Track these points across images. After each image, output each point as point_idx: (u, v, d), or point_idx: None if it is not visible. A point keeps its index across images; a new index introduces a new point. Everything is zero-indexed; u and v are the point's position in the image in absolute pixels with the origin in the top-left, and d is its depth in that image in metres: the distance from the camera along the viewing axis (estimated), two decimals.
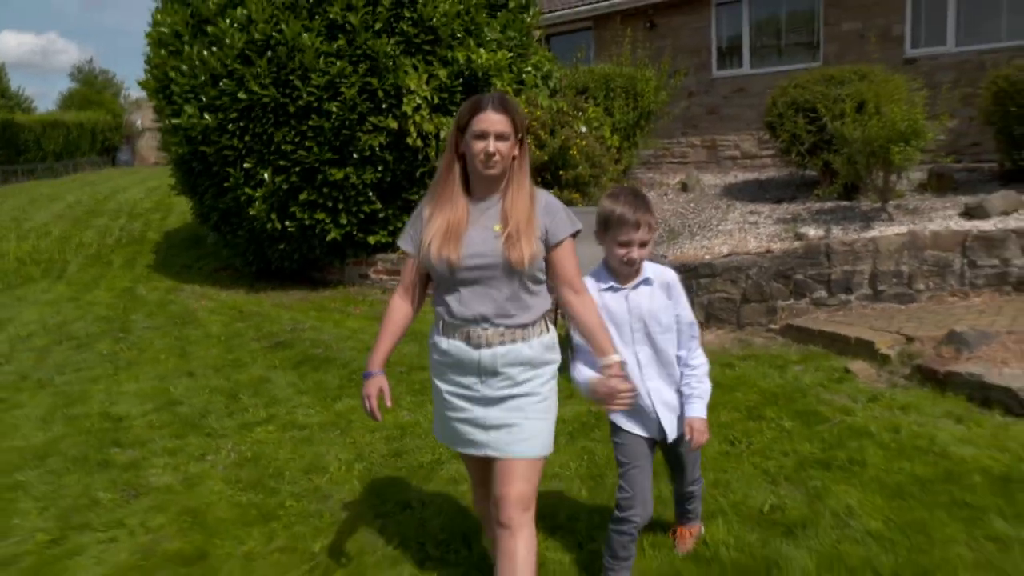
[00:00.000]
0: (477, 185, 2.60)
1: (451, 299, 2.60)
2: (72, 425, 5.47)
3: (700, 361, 2.93)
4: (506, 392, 2.59)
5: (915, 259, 6.39)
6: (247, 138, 8.73)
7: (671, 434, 2.89)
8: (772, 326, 6.51)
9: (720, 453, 4.22)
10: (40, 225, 14.94)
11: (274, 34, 8.41)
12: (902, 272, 6.41)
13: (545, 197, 2.63)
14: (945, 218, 6.99)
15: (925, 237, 6.40)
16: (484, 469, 2.75)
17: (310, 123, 8.47)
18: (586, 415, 4.85)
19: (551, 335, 2.69)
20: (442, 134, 8.63)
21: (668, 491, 3.51)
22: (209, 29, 8.83)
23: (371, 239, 9.24)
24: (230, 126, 8.72)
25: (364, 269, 9.59)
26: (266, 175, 8.71)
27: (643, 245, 2.80)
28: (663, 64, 10.65)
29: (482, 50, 8.77)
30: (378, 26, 8.42)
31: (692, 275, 6.84)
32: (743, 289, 6.65)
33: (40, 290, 11.15)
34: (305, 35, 8.25)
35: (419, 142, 8.65)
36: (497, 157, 2.50)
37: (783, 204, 8.36)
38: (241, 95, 8.53)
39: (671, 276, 2.92)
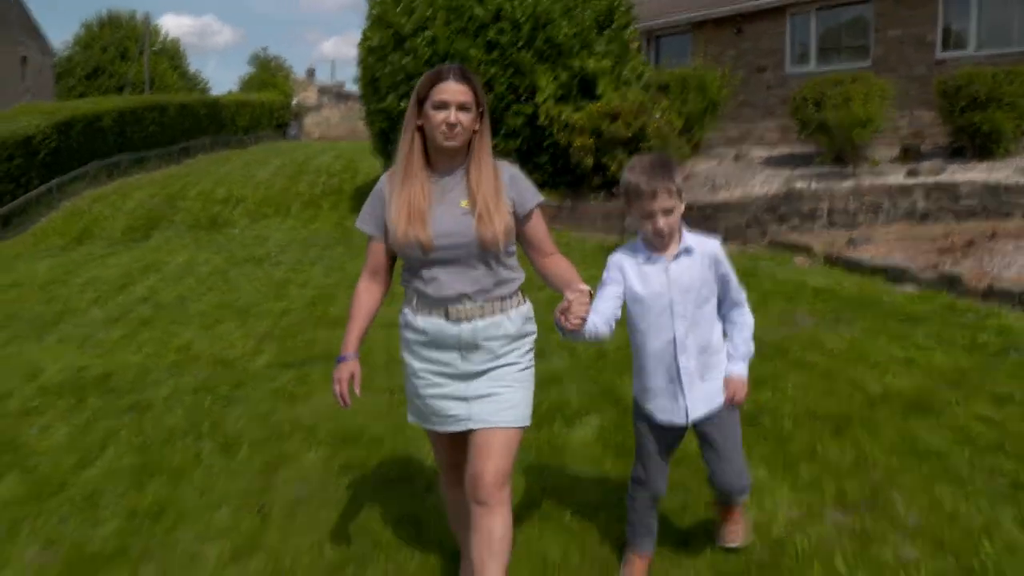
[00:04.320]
0: (438, 160, 2.55)
1: (426, 278, 2.56)
2: (346, 277, 9.81)
3: (747, 321, 2.87)
4: (487, 366, 2.58)
5: (857, 201, 9.93)
6: None
7: (693, 413, 2.82)
8: (763, 242, 10.18)
9: None
10: (264, 180, 19.98)
11: (450, 49, 12.60)
12: (849, 209, 9.96)
13: (508, 169, 2.62)
14: (894, 177, 10.43)
15: (864, 187, 9.93)
16: (457, 450, 2.71)
17: None
18: None
19: (528, 306, 2.69)
20: (563, 117, 12.57)
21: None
22: (406, 44, 13.11)
23: None
24: None
25: None
26: None
27: (667, 212, 2.66)
28: (726, 68, 14.22)
29: (592, 59, 12.70)
30: (520, 43, 12.50)
31: (719, 210, 10.60)
32: (747, 218, 10.36)
33: (276, 223, 15.90)
34: (472, 50, 12.41)
35: (546, 122, 12.65)
36: (459, 128, 2.46)
37: (798, 168, 11.91)
38: None
39: (714, 246, 2.81)
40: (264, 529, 3.66)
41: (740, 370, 2.84)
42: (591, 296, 2.52)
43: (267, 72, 52.54)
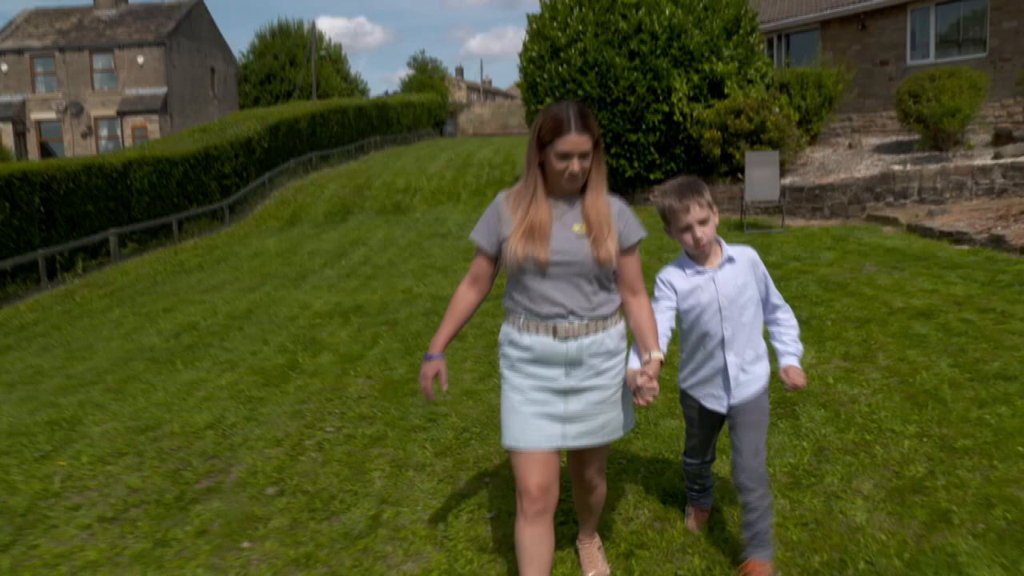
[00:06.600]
0: (556, 188, 2.71)
1: (534, 295, 2.72)
2: None
3: (793, 322, 3.17)
4: (588, 383, 2.78)
5: (944, 180, 11.69)
6: None
7: (734, 398, 3.08)
8: (862, 216, 12.09)
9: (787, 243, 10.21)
10: (436, 172, 23.07)
11: (599, 58, 15.03)
12: (937, 188, 11.74)
13: (618, 203, 2.78)
14: (980, 159, 12.10)
15: (950, 168, 11.69)
16: (548, 470, 2.78)
17: (618, 108, 15.03)
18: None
19: (623, 324, 2.90)
20: (694, 114, 14.75)
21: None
22: (561, 55, 15.63)
23: (651, 176, 15.66)
24: None
25: (646, 195, 16.00)
26: None
27: (702, 223, 2.92)
28: (841, 66, 15.98)
29: (720, 63, 14.83)
30: (658, 52, 14.78)
31: (825, 190, 12.57)
32: (848, 196, 12.29)
33: (450, 207, 18.80)
34: (617, 59, 14.79)
35: (680, 118, 14.89)
36: (580, 174, 2.64)
37: (900, 154, 13.65)
38: (579, 92, 15.26)
39: (752, 253, 3.08)
40: (492, 370, 6.25)
41: (795, 362, 3.12)
42: (661, 364, 2.79)
43: (424, 74, 56.60)
